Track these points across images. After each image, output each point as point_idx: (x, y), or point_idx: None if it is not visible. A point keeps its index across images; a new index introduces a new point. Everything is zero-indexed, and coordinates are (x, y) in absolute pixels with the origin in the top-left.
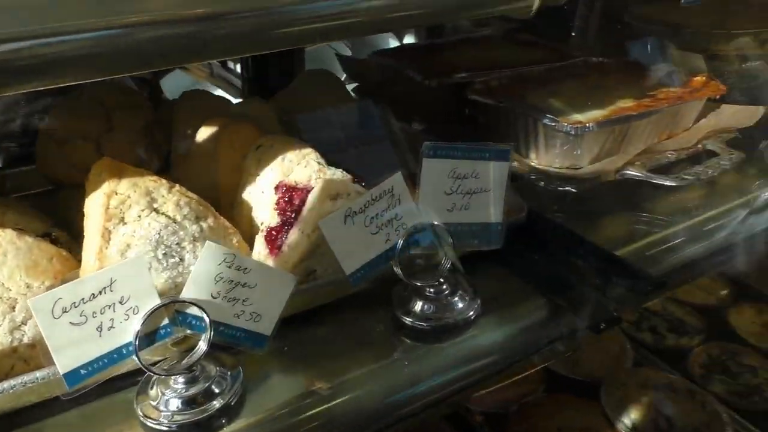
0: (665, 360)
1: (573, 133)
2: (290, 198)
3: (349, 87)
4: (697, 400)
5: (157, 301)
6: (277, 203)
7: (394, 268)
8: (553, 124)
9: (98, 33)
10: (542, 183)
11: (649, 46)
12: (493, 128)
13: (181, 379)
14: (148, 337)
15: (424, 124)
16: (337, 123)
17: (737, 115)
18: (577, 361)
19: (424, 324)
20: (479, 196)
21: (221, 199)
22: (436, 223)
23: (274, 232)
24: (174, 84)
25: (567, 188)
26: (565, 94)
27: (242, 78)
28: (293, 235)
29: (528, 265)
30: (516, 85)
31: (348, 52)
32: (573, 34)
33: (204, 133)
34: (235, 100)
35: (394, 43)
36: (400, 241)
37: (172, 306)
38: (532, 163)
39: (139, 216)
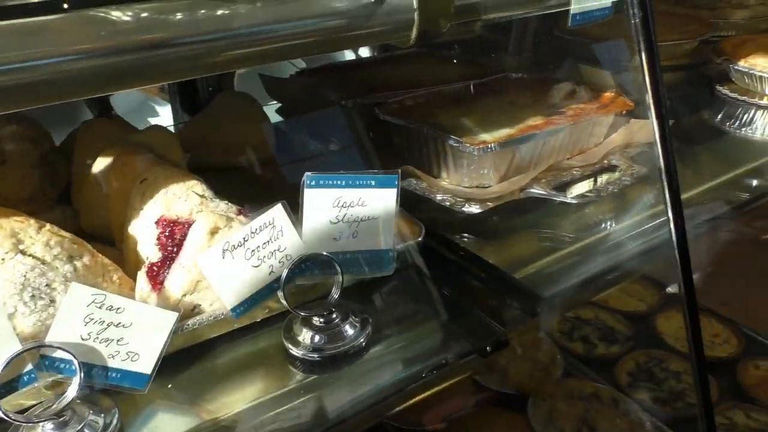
0: (595, 369)
1: (476, 153)
2: (171, 232)
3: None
4: (621, 409)
5: (18, 347)
6: (158, 238)
7: (281, 300)
8: (457, 145)
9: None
10: (448, 204)
11: (565, 63)
12: (406, 148)
13: (49, 426)
14: (10, 383)
15: (342, 144)
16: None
17: (645, 129)
18: (507, 374)
19: (315, 355)
20: (367, 223)
21: (115, 233)
22: (322, 253)
23: (155, 268)
24: (126, 101)
25: (472, 208)
26: (479, 111)
27: (172, 96)
28: (175, 270)
29: (424, 288)
30: (432, 103)
31: None
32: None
33: (99, 163)
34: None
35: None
36: (285, 273)
37: (36, 350)
38: (443, 183)
39: (2, 259)
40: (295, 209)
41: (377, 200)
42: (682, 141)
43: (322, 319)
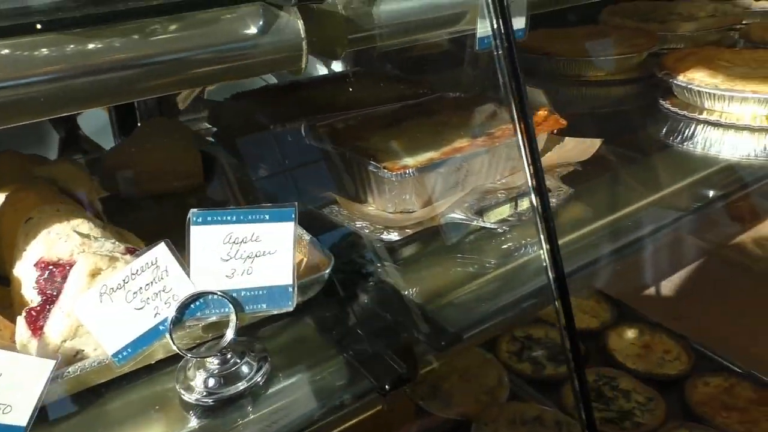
0: (542, 390)
1: (395, 179)
2: (51, 275)
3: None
4: None
5: None
6: (38, 281)
7: (170, 344)
8: (376, 170)
9: None
10: (367, 231)
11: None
12: (334, 173)
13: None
14: None
15: (272, 170)
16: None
17: (578, 148)
18: (451, 398)
19: (209, 400)
20: (263, 259)
21: (8, 274)
22: (213, 291)
23: (34, 312)
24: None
25: (390, 236)
26: (409, 134)
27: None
28: (54, 315)
29: (332, 321)
30: (363, 126)
31: None
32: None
33: None
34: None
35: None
36: (171, 315)
37: None
38: (369, 209)
39: None
40: None
41: (273, 235)
42: (625, 156)
43: (216, 361)
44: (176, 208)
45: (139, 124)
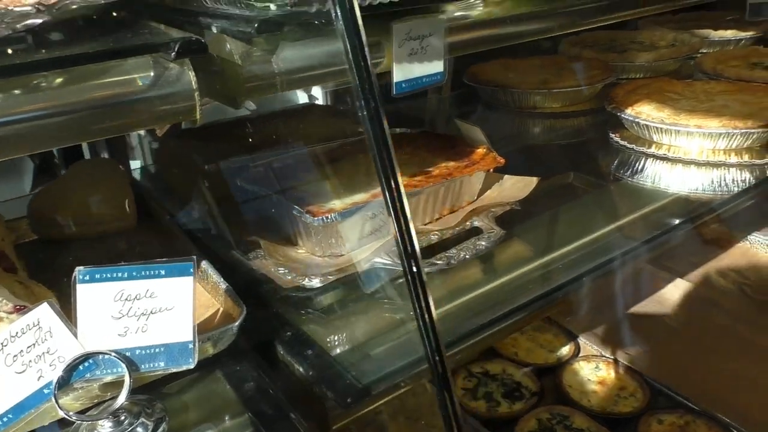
0: (496, 430)
1: (317, 224)
2: None
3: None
4: None
5: None
6: None
7: (57, 408)
8: (299, 215)
9: None
10: (289, 278)
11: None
12: (264, 216)
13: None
14: None
15: (202, 212)
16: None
17: (516, 186)
18: None
19: None
20: (159, 316)
21: None
22: (104, 351)
23: None
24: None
25: (312, 282)
26: (346, 173)
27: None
28: None
29: (242, 376)
30: (302, 164)
31: None
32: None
33: None
34: None
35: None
36: (56, 378)
37: None
38: (298, 252)
39: None
40: None
41: (170, 290)
42: (571, 191)
43: (109, 424)
44: (105, 252)
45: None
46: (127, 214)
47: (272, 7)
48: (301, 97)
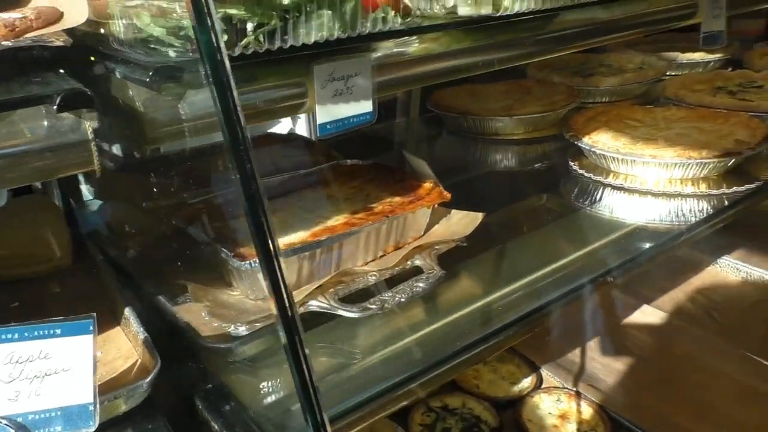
0: None
1: (244, 268)
2: None
3: None
4: None
5: None
6: None
7: None
8: (227, 258)
9: None
10: (215, 324)
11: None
12: (199, 257)
13: None
14: None
15: (142, 251)
16: None
17: (462, 221)
18: None
19: None
20: (55, 378)
21: None
22: None
23: None
24: None
25: (239, 330)
26: (290, 209)
27: None
28: None
29: None
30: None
31: None
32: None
33: None
34: None
35: None
36: None
37: None
38: (231, 296)
39: None
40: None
41: (67, 350)
42: (530, 222)
43: None
44: (35, 294)
45: None
46: (59, 255)
47: (171, 53)
48: (286, 124)
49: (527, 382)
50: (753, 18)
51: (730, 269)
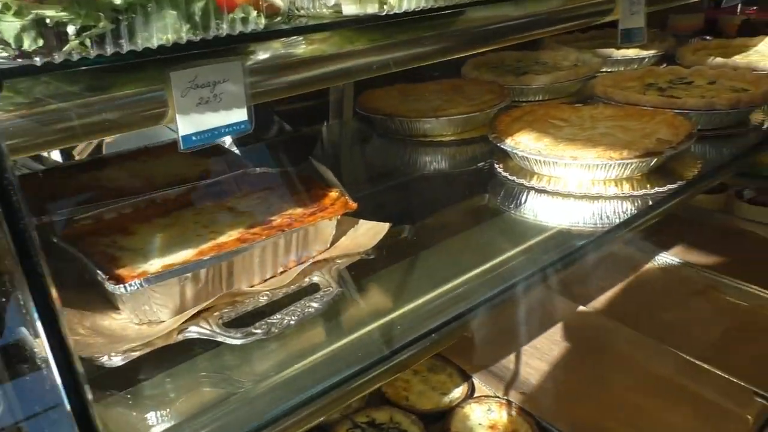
0: None
1: (118, 292)
2: None
3: None
4: None
5: None
6: None
7: None
8: (102, 281)
9: None
10: (84, 355)
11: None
12: (80, 278)
13: None
14: None
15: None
16: None
17: (369, 233)
18: None
19: None
20: None
21: None
22: None
23: None
24: None
25: (113, 360)
26: (181, 225)
27: None
28: None
29: None
30: (138, 215)
31: None
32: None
33: None
34: None
35: None
36: None
37: None
38: (120, 317)
39: None
40: None
41: None
42: (450, 228)
43: None
44: None
45: None
46: None
47: None
48: None
49: (458, 392)
50: (691, 13)
51: (669, 266)
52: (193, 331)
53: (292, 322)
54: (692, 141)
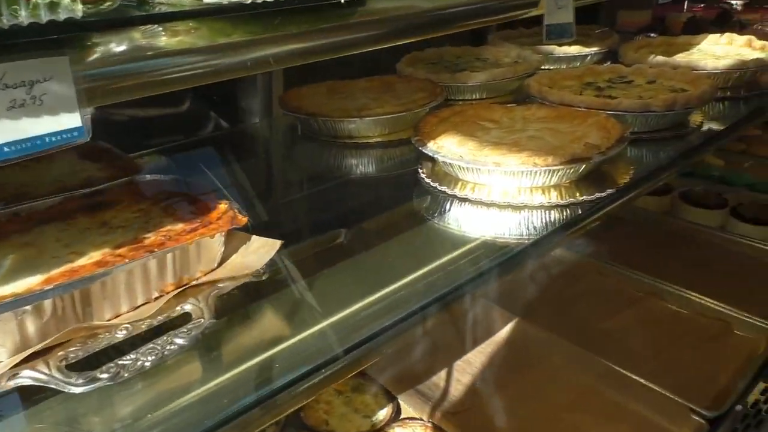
0: None
1: None
2: None
3: None
4: None
5: None
6: None
7: None
8: None
9: None
10: None
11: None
12: None
13: None
14: None
15: None
16: None
17: (260, 251)
18: None
19: None
20: None
21: None
22: None
23: None
24: None
25: None
26: (39, 244)
27: None
28: None
29: None
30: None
31: None
32: None
33: None
34: None
35: None
36: None
37: None
38: None
39: None
40: None
41: None
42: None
43: None
44: None
45: None
46: None
47: None
48: None
49: (383, 414)
50: (639, 9)
51: (609, 272)
52: (26, 377)
53: (147, 364)
54: (624, 145)
